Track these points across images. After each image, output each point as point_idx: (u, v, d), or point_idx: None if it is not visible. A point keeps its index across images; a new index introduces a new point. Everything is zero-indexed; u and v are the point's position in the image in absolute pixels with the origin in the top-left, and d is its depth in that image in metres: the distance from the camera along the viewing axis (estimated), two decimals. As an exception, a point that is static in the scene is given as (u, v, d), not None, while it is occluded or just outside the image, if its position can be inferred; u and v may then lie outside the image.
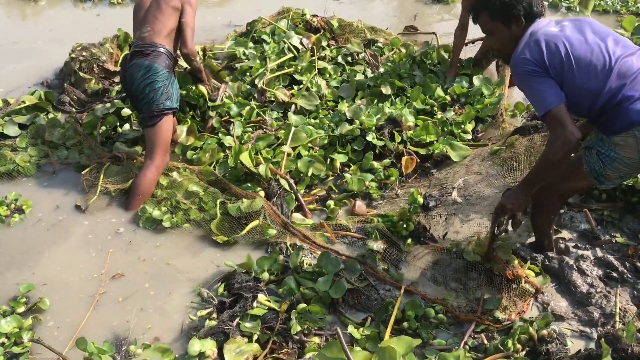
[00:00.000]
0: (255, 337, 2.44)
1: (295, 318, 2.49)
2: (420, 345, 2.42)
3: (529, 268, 2.79)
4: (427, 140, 3.77)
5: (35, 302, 2.68)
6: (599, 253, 2.92)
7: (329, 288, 2.66)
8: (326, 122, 4.09)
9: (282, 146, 3.71)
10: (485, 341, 2.45)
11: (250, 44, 5.07)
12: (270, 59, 4.75)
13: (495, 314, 2.55)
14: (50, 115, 4.34)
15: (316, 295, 2.67)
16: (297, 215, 3.33)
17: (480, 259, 2.76)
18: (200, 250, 3.11)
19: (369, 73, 4.74)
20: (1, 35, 6.05)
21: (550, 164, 2.29)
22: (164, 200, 3.37)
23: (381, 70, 4.74)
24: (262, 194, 3.36)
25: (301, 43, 4.88)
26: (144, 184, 3.38)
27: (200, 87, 3.97)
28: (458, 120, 3.96)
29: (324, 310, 2.61)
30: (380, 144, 3.72)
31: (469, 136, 3.91)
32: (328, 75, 4.72)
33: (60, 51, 5.23)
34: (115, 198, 3.49)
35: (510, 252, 2.73)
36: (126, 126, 4.11)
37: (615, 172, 2.35)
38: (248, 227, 3.08)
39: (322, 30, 5.19)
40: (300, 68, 4.69)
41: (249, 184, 3.48)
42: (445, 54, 4.77)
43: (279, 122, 4.15)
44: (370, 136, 3.73)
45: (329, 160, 3.71)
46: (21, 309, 2.67)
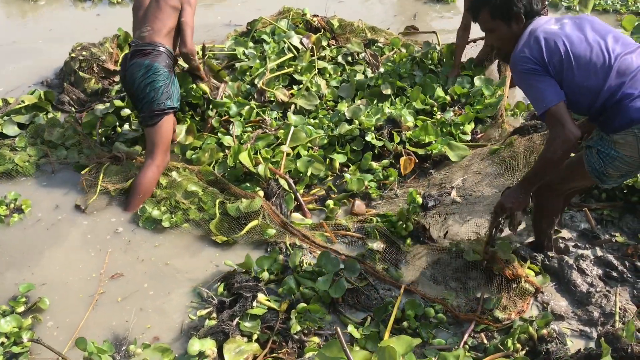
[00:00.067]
0: (255, 337, 2.44)
1: (295, 318, 2.49)
2: (420, 345, 2.41)
3: (528, 267, 2.79)
4: (426, 141, 3.77)
5: (35, 302, 2.68)
6: (599, 252, 2.91)
7: (329, 288, 2.66)
8: (326, 122, 4.08)
9: (282, 146, 3.70)
10: (485, 341, 2.45)
11: (250, 44, 5.06)
12: (270, 58, 4.75)
13: (495, 314, 2.55)
14: (50, 115, 4.34)
15: (316, 294, 2.66)
16: (297, 215, 3.33)
17: (480, 259, 2.75)
18: (199, 250, 3.11)
19: (369, 73, 4.73)
20: (1, 35, 6.05)
21: (549, 162, 2.28)
22: (163, 200, 3.37)
23: (381, 70, 4.73)
24: (262, 193, 3.36)
25: (301, 43, 4.87)
26: (144, 183, 3.38)
27: (202, 85, 3.97)
28: (457, 121, 3.96)
29: (324, 310, 2.60)
30: (379, 144, 3.71)
31: (468, 137, 3.90)
32: (328, 75, 4.72)
33: (60, 51, 5.23)
34: (115, 198, 3.49)
35: (510, 252, 2.73)
36: (126, 126, 4.11)
37: (616, 171, 2.34)
38: (247, 227, 3.07)
39: (323, 30, 5.18)
40: (300, 68, 4.68)
41: (248, 184, 3.47)
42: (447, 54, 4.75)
43: (279, 122, 4.14)
44: (369, 136, 3.73)
45: (328, 160, 3.71)
46: (21, 308, 2.67)
